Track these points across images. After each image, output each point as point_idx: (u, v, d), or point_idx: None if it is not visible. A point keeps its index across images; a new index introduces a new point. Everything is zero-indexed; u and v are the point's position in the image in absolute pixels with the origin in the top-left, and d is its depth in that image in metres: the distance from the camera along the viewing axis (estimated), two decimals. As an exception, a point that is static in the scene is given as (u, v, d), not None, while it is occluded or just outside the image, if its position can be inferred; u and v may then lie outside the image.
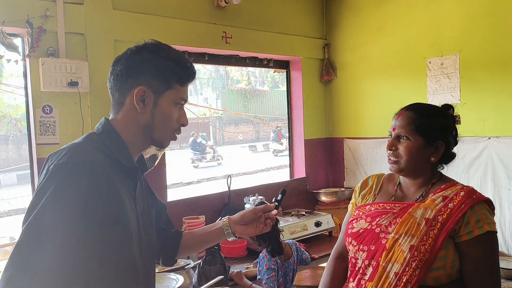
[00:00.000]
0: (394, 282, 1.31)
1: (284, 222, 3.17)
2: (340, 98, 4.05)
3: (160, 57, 1.17)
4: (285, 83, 4.15)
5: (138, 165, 1.22)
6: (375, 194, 1.55)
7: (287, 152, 5.23)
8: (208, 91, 24.82)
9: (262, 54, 3.69)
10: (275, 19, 3.71)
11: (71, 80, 2.49)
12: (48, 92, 2.50)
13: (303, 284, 3.04)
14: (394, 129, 1.45)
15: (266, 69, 4.70)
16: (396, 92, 3.55)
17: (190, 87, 1.42)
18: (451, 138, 1.47)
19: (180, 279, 2.28)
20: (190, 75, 1.23)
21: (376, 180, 1.60)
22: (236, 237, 1.44)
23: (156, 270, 2.46)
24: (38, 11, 2.47)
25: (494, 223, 1.34)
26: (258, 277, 2.35)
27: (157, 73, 1.16)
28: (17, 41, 2.49)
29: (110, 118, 1.20)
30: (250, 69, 19.68)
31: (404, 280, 1.30)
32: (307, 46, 3.96)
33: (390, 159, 1.45)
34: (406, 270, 1.30)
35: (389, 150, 1.44)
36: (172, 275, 2.32)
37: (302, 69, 3.95)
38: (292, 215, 3.49)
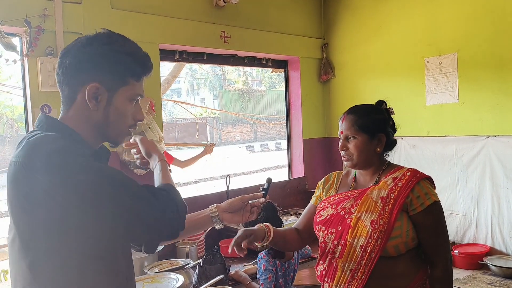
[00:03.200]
0: (361, 254, 1.54)
1: (283, 222, 3.17)
2: (339, 98, 4.05)
3: (114, 51, 1.09)
4: (283, 83, 4.15)
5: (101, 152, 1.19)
6: (337, 187, 1.79)
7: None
8: (205, 91, 24.76)
9: (260, 53, 3.69)
10: (273, 19, 3.71)
11: (70, 79, 2.48)
12: (46, 91, 2.49)
13: (302, 284, 3.04)
14: (341, 132, 1.68)
15: (263, 69, 4.71)
16: (395, 92, 3.55)
17: (187, 86, 1.40)
18: (389, 128, 1.70)
19: (180, 278, 2.27)
20: (146, 69, 1.15)
21: (337, 176, 1.85)
22: (223, 225, 1.43)
23: (156, 270, 2.46)
24: (37, 10, 2.46)
25: (437, 195, 1.60)
26: (257, 277, 2.34)
27: (110, 68, 1.08)
28: (16, 41, 2.48)
29: (60, 114, 1.14)
30: (247, 69, 19.66)
31: (368, 251, 1.52)
32: (305, 45, 3.96)
33: (344, 157, 1.68)
34: (370, 241, 1.52)
35: (342, 150, 1.67)
36: (172, 275, 2.32)
37: (300, 68, 3.95)
38: (290, 215, 3.50)
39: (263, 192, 1.53)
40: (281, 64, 4.03)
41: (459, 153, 3.19)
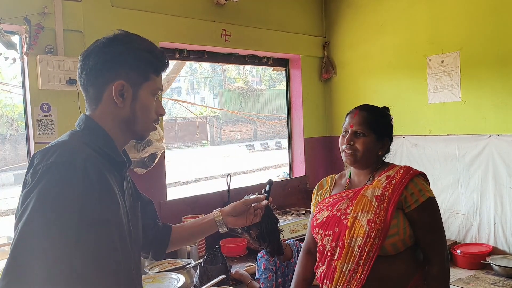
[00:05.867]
0: (359, 253, 1.53)
1: (284, 221, 3.15)
2: (340, 96, 4.03)
3: (135, 48, 1.15)
4: (283, 82, 4.13)
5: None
6: (330, 190, 1.80)
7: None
8: (205, 90, 24.74)
9: (261, 52, 3.67)
10: (274, 17, 3.69)
11: (70, 78, 2.46)
12: (46, 90, 2.47)
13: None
14: (351, 126, 1.67)
15: (263, 68, 4.69)
16: (396, 90, 3.53)
17: (187, 85, 1.43)
18: (392, 135, 1.73)
19: (181, 278, 2.25)
20: (164, 64, 1.21)
21: (330, 180, 1.85)
22: (227, 229, 1.48)
23: (157, 270, 2.44)
24: (36, 8, 2.44)
25: (432, 191, 1.60)
26: (256, 276, 2.33)
27: (134, 66, 1.14)
28: (15, 39, 2.46)
29: (87, 114, 1.16)
30: (247, 68, 19.65)
31: (366, 250, 1.51)
32: (306, 44, 3.94)
33: (346, 152, 1.66)
34: (367, 241, 1.51)
35: (347, 144, 1.66)
36: (173, 275, 2.30)
37: (301, 67, 3.93)
38: (292, 214, 3.48)
39: (265, 194, 1.56)
40: (282, 63, 4.01)
41: (461, 152, 3.17)
